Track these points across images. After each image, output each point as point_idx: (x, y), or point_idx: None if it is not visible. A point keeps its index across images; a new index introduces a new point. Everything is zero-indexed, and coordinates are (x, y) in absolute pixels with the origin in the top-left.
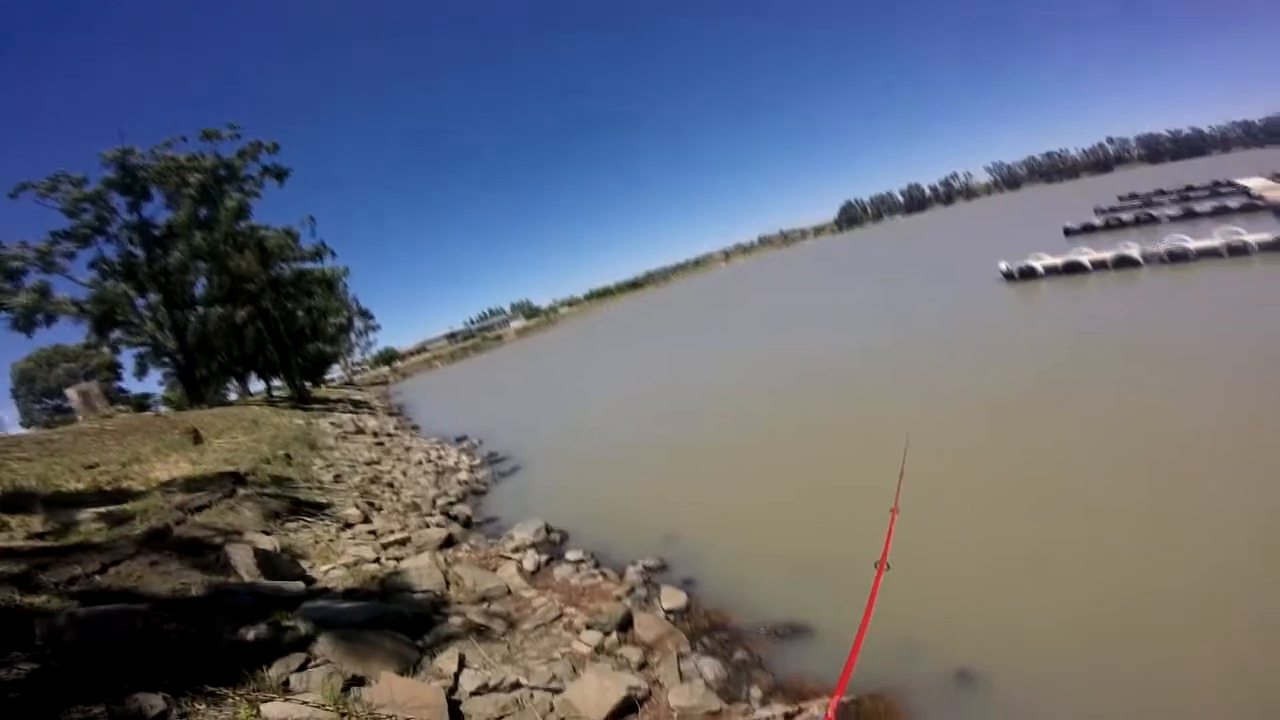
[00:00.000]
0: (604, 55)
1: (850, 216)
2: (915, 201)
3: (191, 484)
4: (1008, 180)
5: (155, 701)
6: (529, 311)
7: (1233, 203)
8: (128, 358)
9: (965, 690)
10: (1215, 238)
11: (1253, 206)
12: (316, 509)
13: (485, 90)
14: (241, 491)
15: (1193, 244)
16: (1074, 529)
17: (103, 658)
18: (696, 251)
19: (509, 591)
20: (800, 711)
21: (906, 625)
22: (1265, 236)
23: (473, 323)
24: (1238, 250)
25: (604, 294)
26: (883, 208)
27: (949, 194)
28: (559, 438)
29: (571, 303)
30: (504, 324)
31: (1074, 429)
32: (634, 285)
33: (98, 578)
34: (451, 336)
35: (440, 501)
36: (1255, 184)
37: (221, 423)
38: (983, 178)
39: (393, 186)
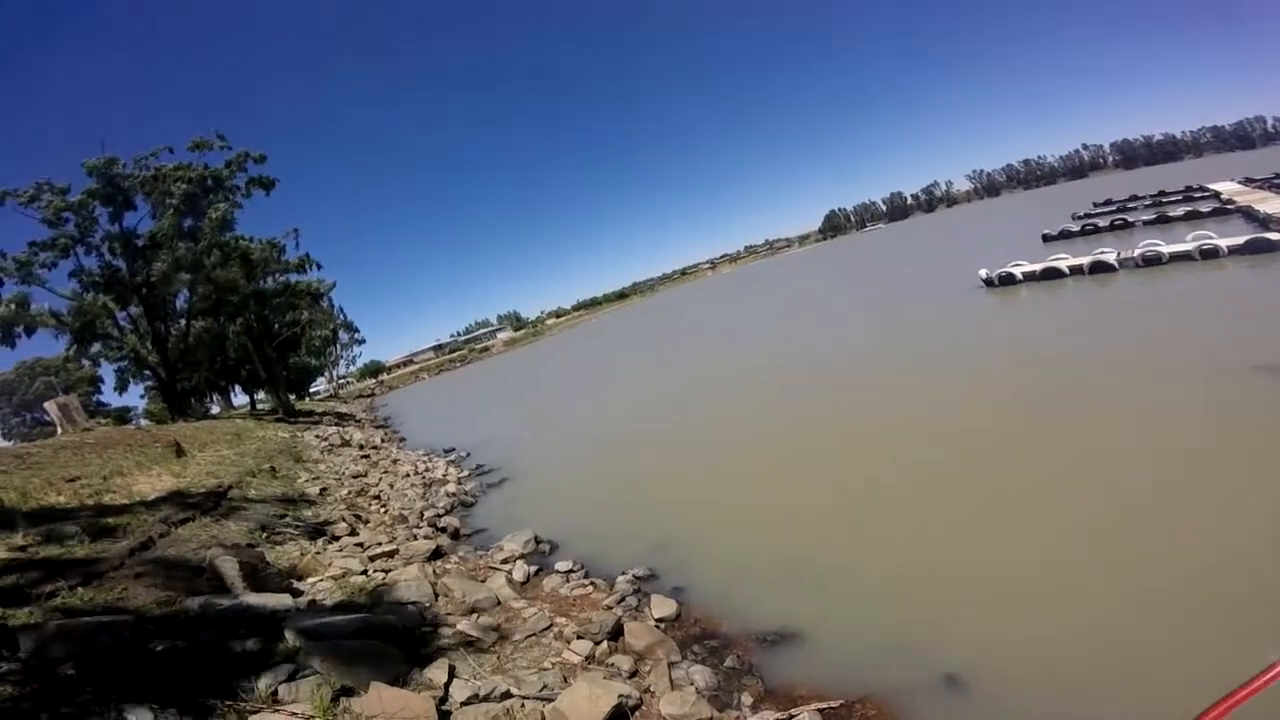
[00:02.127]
0: (594, 67)
1: (834, 225)
2: (898, 209)
3: (175, 497)
4: (987, 188)
5: (142, 714)
6: (517, 323)
7: (1204, 207)
8: (109, 371)
9: (954, 694)
10: (1187, 242)
11: (1223, 210)
12: (302, 521)
13: (473, 99)
14: (226, 504)
15: (1166, 248)
16: (1058, 533)
17: (88, 671)
18: (683, 261)
19: (499, 602)
20: (791, 718)
21: (895, 629)
22: (1235, 240)
23: (460, 335)
24: (1209, 254)
25: (591, 304)
26: (866, 216)
27: (931, 202)
28: (547, 448)
29: (559, 314)
30: (491, 335)
31: (1054, 433)
32: (621, 296)
33: (81, 591)
34: (438, 348)
35: (428, 513)
36: (1226, 188)
37: (204, 436)
38: (963, 185)
39: (378, 197)
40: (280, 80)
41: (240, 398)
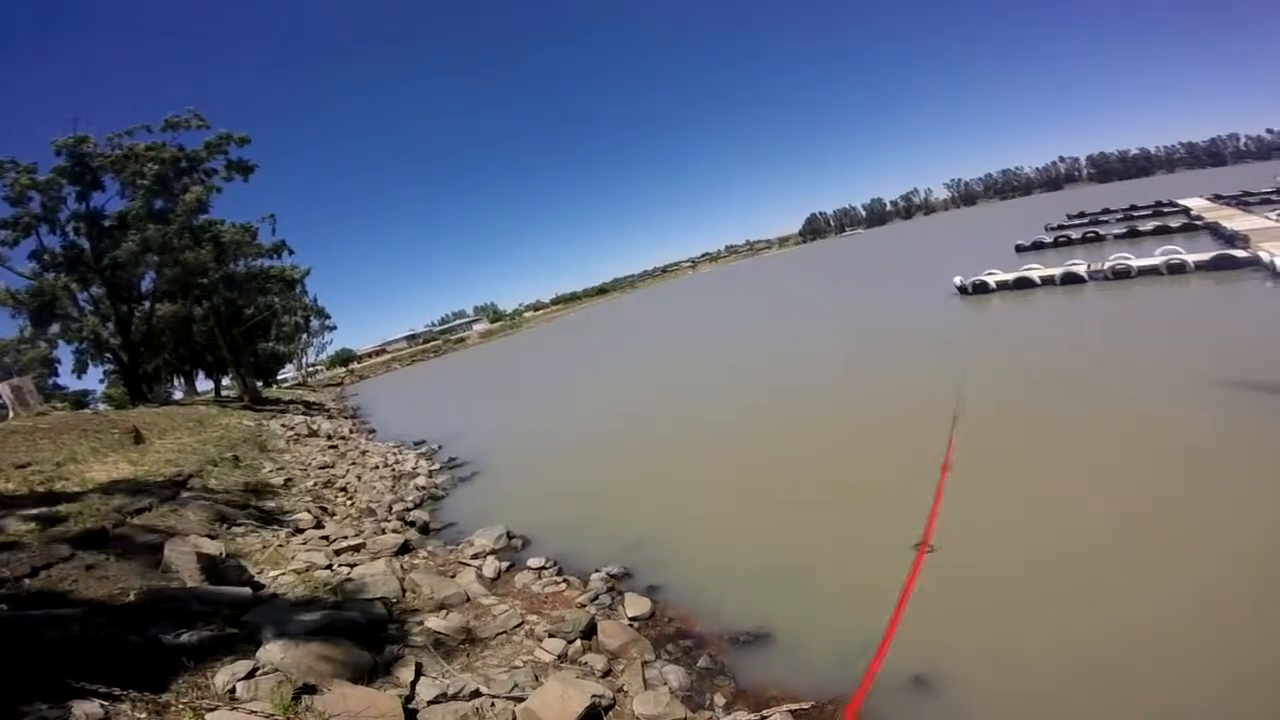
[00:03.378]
0: (579, 65)
1: (814, 228)
2: (876, 215)
3: (132, 486)
4: (965, 196)
5: (92, 709)
6: (494, 315)
7: (1174, 222)
8: (66, 353)
9: (923, 695)
10: (1156, 256)
11: (1192, 226)
12: (265, 513)
13: (455, 88)
14: (185, 494)
15: (1135, 262)
16: (1023, 537)
17: (34, 664)
18: (664, 259)
19: (468, 599)
20: (763, 719)
21: (865, 631)
22: (1202, 256)
23: (435, 325)
24: (1176, 269)
25: (570, 299)
26: (845, 220)
27: (909, 209)
28: (520, 442)
29: (537, 307)
30: (467, 327)
31: (1020, 440)
32: (601, 291)
33: (28, 581)
34: (412, 338)
35: (397, 507)
36: (1195, 204)
37: (165, 422)
38: (942, 194)
39: (354, 183)
40: (254, 63)
41: (205, 383)
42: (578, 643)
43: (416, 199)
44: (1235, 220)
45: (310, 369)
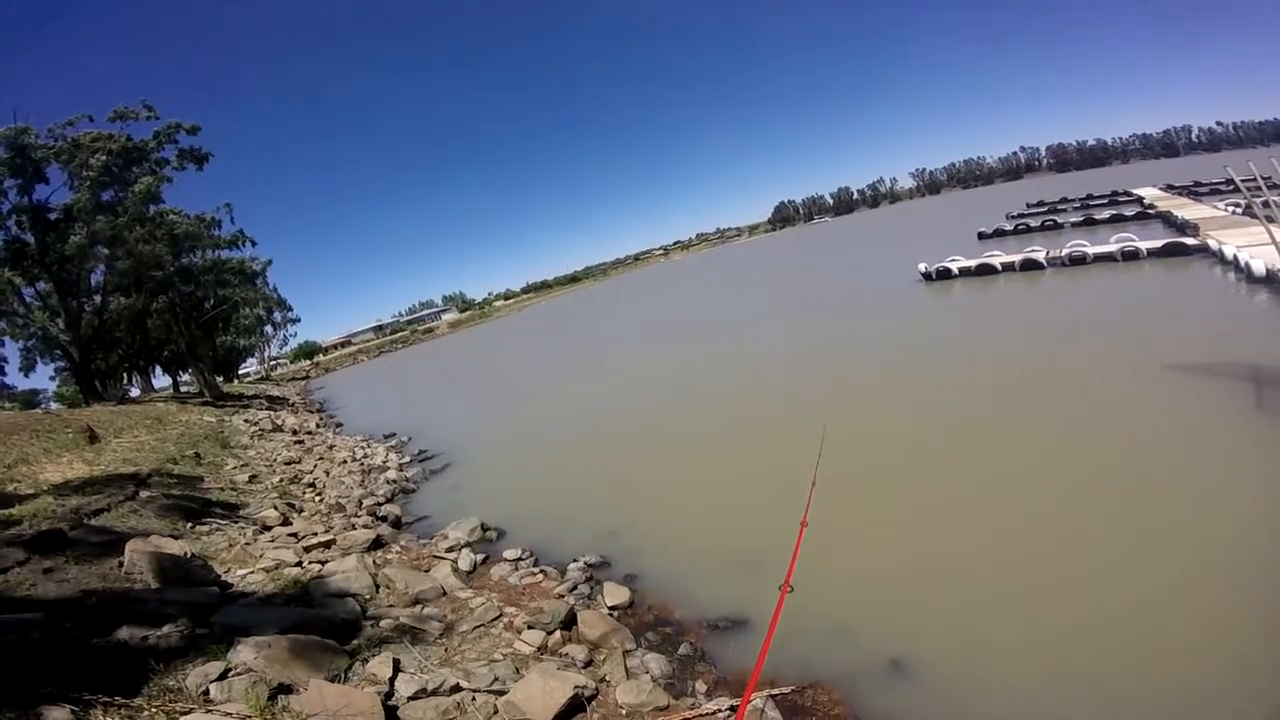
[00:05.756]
0: (551, 48)
1: (783, 216)
2: (844, 204)
3: (88, 486)
4: (930, 185)
5: (61, 715)
6: (463, 304)
7: (1128, 211)
8: (13, 351)
9: (899, 677)
10: (1111, 244)
11: (1145, 215)
12: (231, 511)
13: (417, 73)
14: (145, 493)
15: (1091, 249)
16: (989, 521)
17: None
18: (636, 247)
19: (444, 592)
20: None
21: (841, 617)
22: (1154, 243)
23: (402, 315)
24: (1130, 255)
25: (541, 288)
26: (813, 209)
27: (875, 197)
28: (492, 433)
29: (508, 296)
30: (436, 317)
31: (983, 422)
32: (573, 279)
33: None
34: (379, 329)
35: (367, 502)
36: (1149, 194)
37: (121, 420)
38: (907, 183)
39: (316, 171)
40: (210, 48)
41: (162, 379)
42: (557, 634)
43: (381, 186)
44: (1186, 209)
45: (273, 363)
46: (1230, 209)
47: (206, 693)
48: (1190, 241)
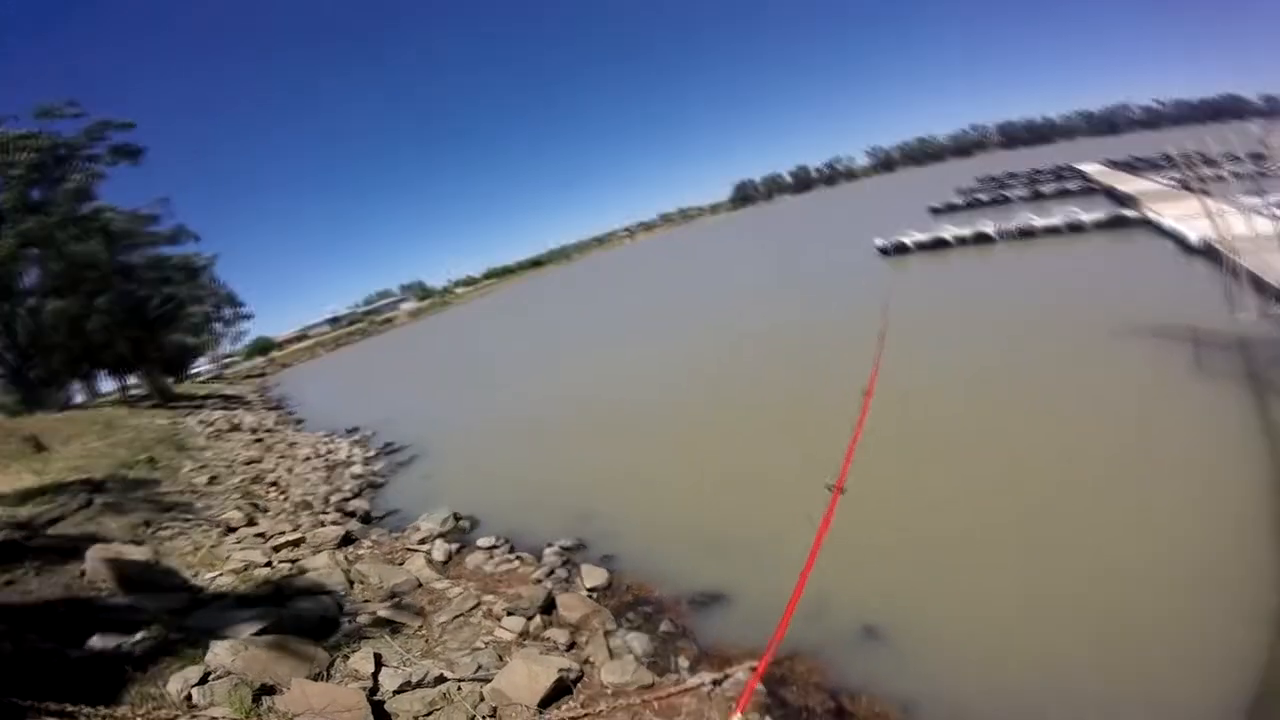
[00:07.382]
0: (505, 22)
1: (744, 195)
2: (802, 182)
3: (39, 495)
4: (884, 163)
5: None
6: (422, 293)
7: (1073, 185)
8: None
9: (873, 643)
10: (1057, 217)
11: (1089, 189)
12: (192, 513)
13: (365, 41)
14: (100, 500)
15: (1038, 222)
16: (956, 490)
17: None
18: (599, 228)
19: (419, 584)
20: (727, 677)
21: (813, 586)
22: (1098, 216)
23: (359, 306)
24: (1075, 228)
25: (504, 273)
26: (773, 187)
27: (832, 175)
28: (459, 423)
29: (469, 282)
30: (394, 306)
31: (947, 391)
32: (535, 263)
33: None
34: (335, 321)
35: (334, 498)
36: (1091, 169)
37: (68, 428)
38: (863, 161)
39: (261, 155)
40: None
41: (108, 383)
42: (538, 619)
43: (330, 171)
44: (1127, 184)
45: (226, 361)
46: (1168, 183)
47: (189, 698)
48: (1130, 214)
